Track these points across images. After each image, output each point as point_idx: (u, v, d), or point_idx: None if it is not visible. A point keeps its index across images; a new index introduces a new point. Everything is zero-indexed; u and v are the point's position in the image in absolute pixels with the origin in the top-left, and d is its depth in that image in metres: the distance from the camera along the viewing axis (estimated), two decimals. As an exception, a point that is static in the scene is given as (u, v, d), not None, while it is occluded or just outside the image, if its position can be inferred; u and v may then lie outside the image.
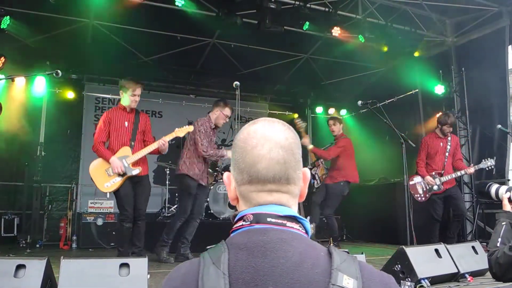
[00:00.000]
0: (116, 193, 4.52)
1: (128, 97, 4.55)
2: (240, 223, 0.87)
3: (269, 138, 0.89)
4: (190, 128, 4.89)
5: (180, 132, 4.72)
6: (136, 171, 4.49)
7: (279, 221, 0.84)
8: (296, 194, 0.91)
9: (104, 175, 4.43)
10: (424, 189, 5.83)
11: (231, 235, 0.88)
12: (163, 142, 4.51)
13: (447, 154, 5.83)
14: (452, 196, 5.78)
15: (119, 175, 4.41)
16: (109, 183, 4.42)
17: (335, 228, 6.43)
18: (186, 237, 5.20)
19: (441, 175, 5.77)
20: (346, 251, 0.87)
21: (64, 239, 6.92)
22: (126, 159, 4.45)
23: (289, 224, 0.85)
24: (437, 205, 5.81)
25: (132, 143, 4.56)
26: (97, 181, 4.43)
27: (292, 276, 0.77)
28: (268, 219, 0.85)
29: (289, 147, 0.89)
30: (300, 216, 0.87)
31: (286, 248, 0.79)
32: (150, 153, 4.62)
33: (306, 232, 0.87)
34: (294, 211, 0.88)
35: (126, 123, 4.58)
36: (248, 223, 0.86)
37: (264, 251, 0.79)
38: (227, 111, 5.30)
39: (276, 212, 0.85)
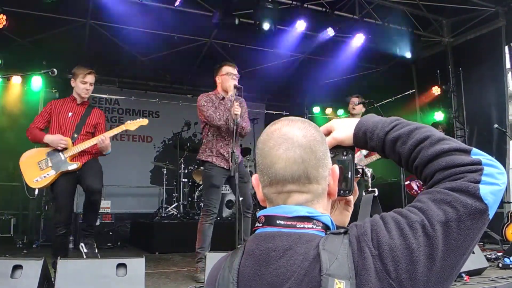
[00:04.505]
0: (52, 190, 3.89)
1: (78, 84, 3.95)
2: (256, 224, 0.91)
3: (286, 137, 0.88)
4: (144, 122, 4.09)
5: (131, 125, 4.00)
6: (73, 166, 3.79)
7: (288, 222, 0.85)
8: (320, 193, 0.89)
9: (35, 168, 3.76)
10: (418, 185, 6.23)
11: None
12: (102, 138, 3.79)
13: None
14: None
15: (53, 169, 3.77)
16: (40, 178, 3.73)
17: None
18: None
19: None
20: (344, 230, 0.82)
21: (61, 239, 6.88)
22: (64, 152, 3.83)
23: (299, 224, 0.84)
24: None
25: (75, 135, 3.92)
26: (26, 174, 3.73)
27: (288, 286, 0.78)
28: (278, 222, 0.86)
29: (307, 145, 0.87)
30: (316, 214, 0.86)
31: (289, 255, 0.80)
32: (94, 153, 3.98)
33: (326, 226, 0.86)
34: (314, 209, 0.87)
35: (70, 114, 3.97)
36: (261, 225, 0.89)
37: (268, 259, 0.82)
38: (225, 70, 4.76)
39: (285, 214, 0.86)
